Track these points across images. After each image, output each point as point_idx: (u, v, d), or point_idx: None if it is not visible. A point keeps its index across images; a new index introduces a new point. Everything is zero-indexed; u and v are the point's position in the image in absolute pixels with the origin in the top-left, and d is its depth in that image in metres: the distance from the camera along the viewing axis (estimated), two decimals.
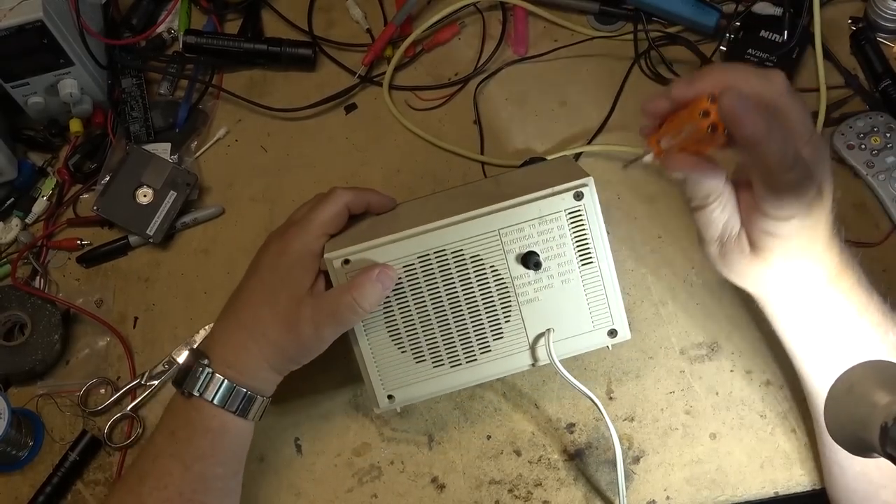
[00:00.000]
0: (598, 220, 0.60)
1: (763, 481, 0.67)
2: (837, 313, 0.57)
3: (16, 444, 0.72)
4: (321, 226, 0.62)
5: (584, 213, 0.59)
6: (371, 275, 0.58)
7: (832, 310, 0.57)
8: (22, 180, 0.83)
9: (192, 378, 0.61)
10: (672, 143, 0.52)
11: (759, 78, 0.50)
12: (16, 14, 0.73)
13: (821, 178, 0.52)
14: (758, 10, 0.79)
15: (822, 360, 0.59)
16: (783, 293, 0.58)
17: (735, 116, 0.47)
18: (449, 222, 0.59)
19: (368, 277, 0.58)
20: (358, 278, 0.59)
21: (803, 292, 0.57)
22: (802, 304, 0.58)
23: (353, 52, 0.87)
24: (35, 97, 0.79)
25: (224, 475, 0.62)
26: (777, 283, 0.57)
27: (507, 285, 0.61)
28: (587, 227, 0.60)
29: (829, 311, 0.57)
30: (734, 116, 0.47)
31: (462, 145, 0.81)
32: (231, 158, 0.84)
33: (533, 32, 0.85)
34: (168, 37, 0.88)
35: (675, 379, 0.70)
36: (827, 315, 0.57)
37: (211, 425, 0.61)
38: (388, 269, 0.59)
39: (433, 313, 0.61)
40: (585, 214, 0.59)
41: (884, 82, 0.76)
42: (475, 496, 0.69)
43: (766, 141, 0.47)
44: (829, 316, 0.57)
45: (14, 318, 0.77)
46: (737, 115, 0.47)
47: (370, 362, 0.63)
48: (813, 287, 0.56)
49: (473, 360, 0.63)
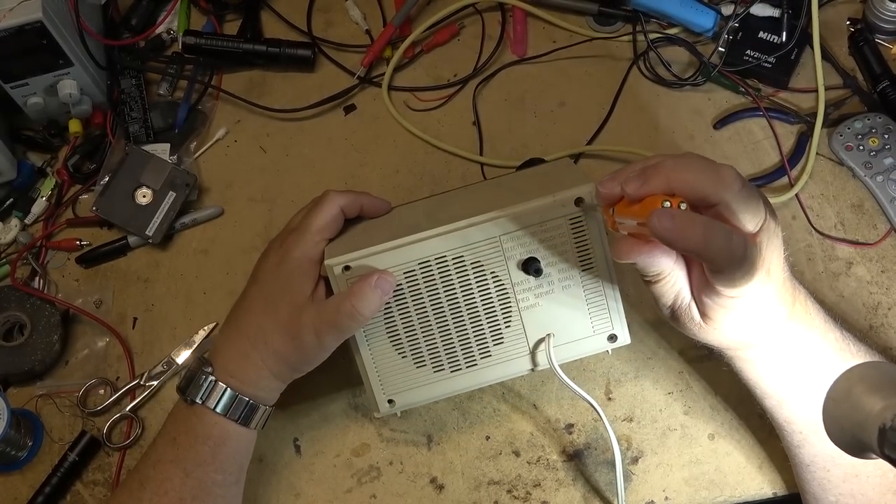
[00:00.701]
0: (598, 226, 0.59)
1: (762, 482, 0.67)
2: (800, 345, 0.57)
3: (15, 444, 0.72)
4: (318, 231, 0.62)
5: (584, 218, 0.59)
6: (370, 282, 0.58)
7: (795, 344, 0.56)
8: (21, 181, 0.83)
9: (195, 386, 0.61)
10: (626, 227, 0.52)
11: (709, 176, 0.48)
12: (15, 14, 0.73)
13: (769, 259, 0.51)
14: (756, 11, 0.79)
15: (792, 392, 0.58)
16: (742, 345, 0.58)
17: (666, 239, 0.47)
18: (450, 229, 0.59)
19: (367, 284, 0.58)
20: (357, 285, 0.59)
21: (763, 339, 0.56)
22: (763, 347, 0.57)
23: (352, 52, 0.87)
24: (34, 98, 0.79)
25: (224, 482, 0.62)
26: (732, 339, 0.57)
27: (508, 291, 0.61)
28: (588, 233, 0.60)
29: (791, 346, 0.56)
30: (665, 239, 0.47)
31: (461, 146, 0.81)
32: (230, 159, 0.84)
33: (532, 33, 0.85)
34: (167, 37, 0.88)
35: (673, 379, 0.70)
36: (790, 348, 0.57)
37: (212, 433, 0.61)
38: (387, 275, 0.59)
39: (434, 319, 0.61)
40: (586, 220, 0.59)
41: (882, 83, 0.76)
42: (474, 497, 0.69)
43: (705, 248, 0.47)
44: (792, 349, 0.57)
45: (13, 319, 0.77)
46: (668, 238, 0.47)
47: (371, 367, 0.63)
48: (772, 330, 0.56)
49: (474, 364, 0.63)
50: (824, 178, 0.75)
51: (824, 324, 0.57)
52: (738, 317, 0.54)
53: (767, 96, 0.79)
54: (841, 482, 0.58)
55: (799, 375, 0.57)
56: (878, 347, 0.69)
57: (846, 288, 0.71)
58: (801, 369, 0.57)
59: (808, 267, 0.72)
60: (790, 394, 0.58)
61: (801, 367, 0.57)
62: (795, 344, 0.56)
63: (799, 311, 0.56)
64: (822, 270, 0.72)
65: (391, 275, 0.59)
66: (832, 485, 0.59)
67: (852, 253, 0.72)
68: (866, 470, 0.58)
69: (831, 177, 0.75)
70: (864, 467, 0.57)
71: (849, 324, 0.70)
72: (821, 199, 0.75)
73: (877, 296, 0.71)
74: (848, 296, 0.71)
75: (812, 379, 0.56)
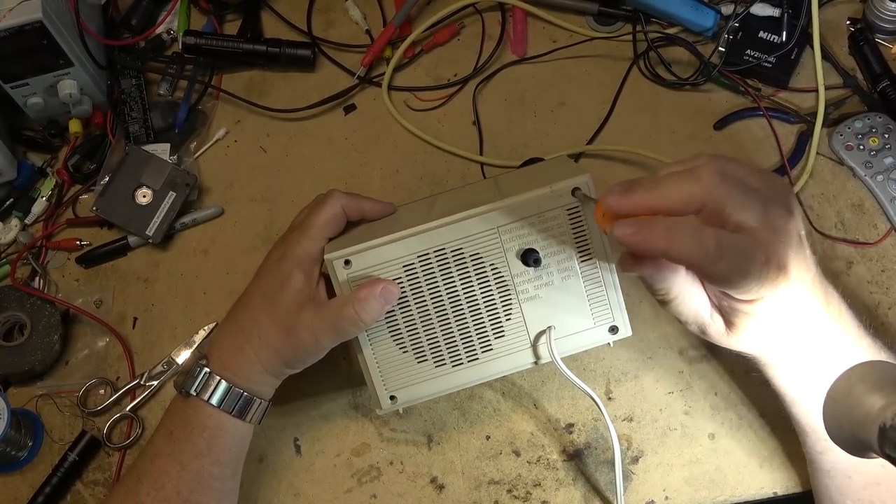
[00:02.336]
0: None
1: (762, 481, 0.67)
2: (834, 352, 0.55)
3: (15, 444, 0.72)
4: (320, 229, 0.62)
5: (582, 209, 0.59)
6: (375, 290, 0.58)
7: (829, 351, 0.55)
8: (21, 181, 0.83)
9: (190, 378, 0.61)
10: None
11: (686, 183, 0.47)
12: (16, 14, 0.73)
13: (780, 256, 0.49)
14: (756, 11, 0.79)
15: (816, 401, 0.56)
16: (775, 352, 0.56)
17: (630, 245, 0.47)
18: (448, 221, 0.59)
19: (372, 293, 0.58)
20: (361, 292, 0.59)
21: (798, 344, 0.55)
22: (797, 354, 0.56)
23: (352, 52, 0.87)
24: (34, 98, 0.79)
25: (221, 475, 0.63)
26: (765, 346, 0.56)
27: (508, 283, 0.61)
28: (586, 223, 0.60)
29: (825, 353, 0.55)
30: (630, 246, 0.47)
31: (461, 146, 0.81)
32: (230, 159, 0.84)
33: (532, 33, 0.85)
34: (167, 37, 0.88)
35: (674, 379, 0.70)
36: (824, 355, 0.55)
37: (207, 424, 0.61)
38: (392, 285, 0.59)
39: (434, 312, 0.61)
40: (583, 210, 0.59)
41: (882, 83, 0.76)
42: (474, 496, 0.69)
43: (671, 248, 0.46)
44: (826, 356, 0.55)
45: (13, 319, 0.77)
46: (631, 244, 0.46)
47: (372, 364, 0.63)
48: (808, 335, 0.54)
49: (475, 359, 0.63)
50: (824, 177, 0.75)
51: (857, 330, 0.56)
52: (763, 322, 0.52)
53: (767, 96, 0.79)
54: (861, 489, 0.58)
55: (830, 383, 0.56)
56: None
57: (846, 288, 0.71)
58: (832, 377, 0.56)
59: None
60: (819, 402, 0.57)
61: (832, 376, 0.56)
62: (827, 352, 0.55)
63: (832, 318, 0.54)
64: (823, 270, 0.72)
65: (396, 285, 0.60)
66: (852, 491, 0.58)
67: (852, 252, 0.72)
68: (889, 479, 0.57)
69: (831, 176, 0.75)
70: (886, 476, 0.57)
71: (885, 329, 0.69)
72: (821, 198, 0.75)
73: (877, 295, 0.71)
74: (848, 295, 0.70)
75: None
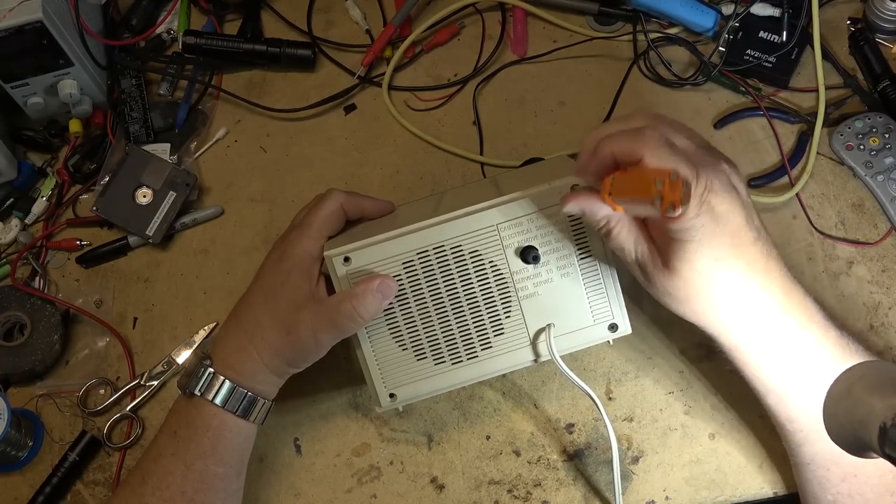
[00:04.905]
0: None
1: (762, 481, 0.67)
2: (798, 341, 0.56)
3: (15, 444, 0.72)
4: (319, 228, 0.63)
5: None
6: (372, 285, 0.59)
7: (792, 339, 0.56)
8: (21, 181, 0.83)
9: (194, 378, 0.62)
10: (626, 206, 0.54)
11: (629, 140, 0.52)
12: (16, 14, 0.73)
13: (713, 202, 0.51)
14: (756, 10, 0.79)
15: (792, 390, 0.58)
16: (733, 325, 0.57)
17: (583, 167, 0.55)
18: (447, 218, 0.59)
19: (369, 288, 0.59)
20: (359, 287, 0.59)
21: (754, 325, 0.56)
22: (759, 340, 0.57)
23: (352, 52, 0.87)
24: (35, 97, 0.79)
25: (225, 475, 0.63)
26: (715, 309, 0.56)
27: (507, 280, 0.61)
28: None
29: (789, 341, 0.56)
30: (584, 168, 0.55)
31: (461, 146, 0.81)
32: (230, 159, 0.84)
33: (532, 33, 0.85)
34: (167, 37, 0.88)
35: (674, 379, 0.70)
36: (788, 344, 0.56)
37: (211, 424, 0.61)
38: (389, 280, 0.59)
39: (433, 310, 0.61)
40: None
41: (882, 83, 0.76)
42: (474, 496, 0.69)
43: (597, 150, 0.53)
44: (790, 345, 0.56)
45: (14, 319, 0.77)
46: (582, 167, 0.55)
47: (371, 361, 0.63)
48: (765, 319, 0.56)
49: (475, 356, 0.63)
50: (825, 177, 0.75)
51: (823, 321, 0.57)
52: (695, 267, 0.53)
53: (768, 96, 0.79)
54: (840, 481, 0.58)
55: (799, 372, 0.57)
56: (878, 347, 0.69)
57: (847, 288, 0.71)
58: (801, 366, 0.56)
59: (808, 266, 0.72)
60: (790, 391, 0.57)
61: (801, 364, 0.56)
62: (793, 340, 0.56)
63: (795, 307, 0.56)
64: (823, 270, 0.72)
65: (393, 280, 0.60)
66: (831, 484, 0.59)
67: (853, 252, 0.72)
68: (866, 470, 0.57)
69: (832, 176, 0.75)
70: (863, 468, 0.57)
71: (849, 324, 0.70)
72: (821, 198, 0.75)
73: (877, 295, 0.71)
74: (848, 295, 0.71)
75: (812, 376, 0.56)
